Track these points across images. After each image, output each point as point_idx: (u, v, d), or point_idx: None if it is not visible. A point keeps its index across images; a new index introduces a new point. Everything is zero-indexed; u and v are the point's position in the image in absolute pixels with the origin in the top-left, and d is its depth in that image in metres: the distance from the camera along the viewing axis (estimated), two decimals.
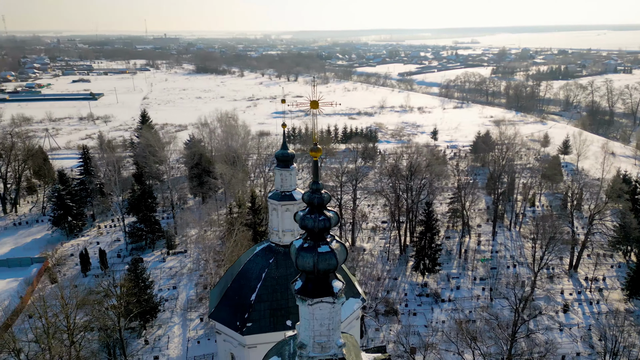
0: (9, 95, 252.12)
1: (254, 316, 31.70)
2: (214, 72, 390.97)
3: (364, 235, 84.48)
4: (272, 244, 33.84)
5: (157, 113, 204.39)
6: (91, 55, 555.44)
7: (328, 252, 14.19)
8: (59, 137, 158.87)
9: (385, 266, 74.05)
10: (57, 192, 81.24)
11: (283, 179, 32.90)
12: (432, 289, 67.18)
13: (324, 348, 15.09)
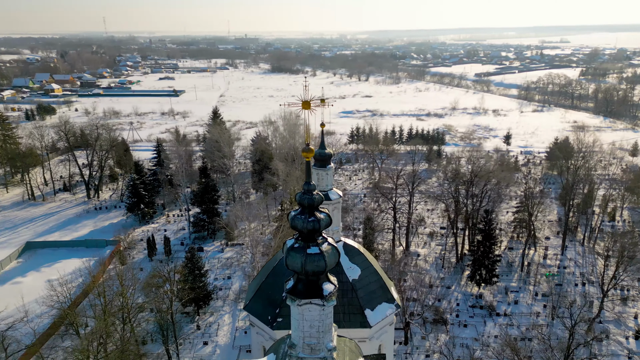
0: (103, 90, 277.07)
1: (284, 312, 32.17)
2: (288, 71, 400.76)
3: (419, 240, 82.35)
4: None
5: (232, 110, 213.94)
6: (177, 54, 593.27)
7: (317, 254, 14.15)
8: (143, 130, 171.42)
9: (439, 273, 71.71)
10: (132, 181, 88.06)
11: (319, 178, 33.05)
12: (487, 301, 63.95)
13: (313, 350, 15.09)
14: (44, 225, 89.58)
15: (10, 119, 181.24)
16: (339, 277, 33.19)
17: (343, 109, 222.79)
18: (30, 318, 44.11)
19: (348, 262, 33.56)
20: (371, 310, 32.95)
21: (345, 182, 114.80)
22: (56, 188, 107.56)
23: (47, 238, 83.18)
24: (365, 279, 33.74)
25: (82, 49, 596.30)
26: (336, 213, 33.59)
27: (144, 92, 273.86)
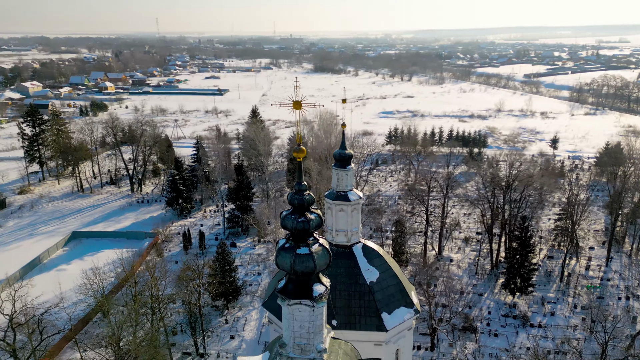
0: (152, 88, 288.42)
1: None
2: (330, 71, 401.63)
3: (453, 245, 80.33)
4: None
5: (273, 109, 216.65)
6: (224, 54, 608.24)
7: (306, 255, 14.14)
8: (186, 127, 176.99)
9: (471, 280, 69.68)
10: (171, 176, 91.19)
11: (339, 178, 32.94)
12: (522, 311, 61.50)
13: (303, 350, 15.09)
14: (90, 216, 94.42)
15: (65, 115, 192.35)
16: (356, 278, 33.06)
17: (383, 109, 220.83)
18: (68, 305, 46.64)
19: (366, 264, 33.29)
20: (388, 314, 32.54)
21: (380, 183, 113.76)
22: (103, 181, 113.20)
23: (91, 228, 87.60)
24: (384, 281, 33.34)
25: (135, 48, 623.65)
26: (355, 214, 33.41)
27: (190, 90, 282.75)
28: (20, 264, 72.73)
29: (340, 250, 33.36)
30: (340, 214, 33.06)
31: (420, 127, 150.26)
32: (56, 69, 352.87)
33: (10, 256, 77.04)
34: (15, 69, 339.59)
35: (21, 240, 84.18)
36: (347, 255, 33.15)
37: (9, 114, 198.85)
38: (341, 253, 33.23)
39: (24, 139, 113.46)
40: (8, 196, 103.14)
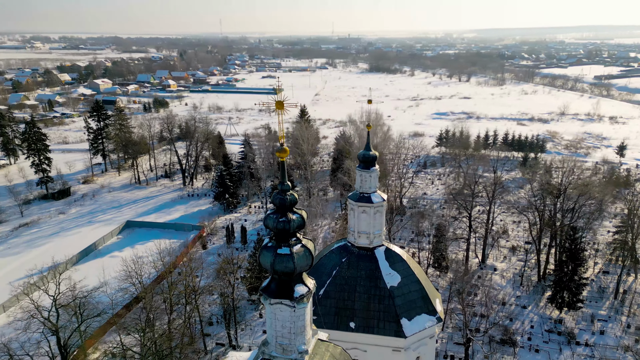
0: (211, 87, 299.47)
1: (320, 311, 32.41)
2: (385, 71, 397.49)
3: (499, 254, 76.97)
4: (349, 243, 34.00)
5: (324, 108, 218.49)
6: (282, 54, 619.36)
7: (286, 255, 14.16)
8: (240, 125, 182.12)
9: (515, 291, 66.46)
10: (219, 172, 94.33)
11: (363, 179, 32.68)
12: (568, 327, 57.87)
13: (285, 350, 15.13)
14: (144, 207, 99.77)
15: (130, 111, 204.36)
16: (377, 282, 32.64)
17: (437, 110, 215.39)
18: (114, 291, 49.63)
19: (388, 268, 32.77)
20: (408, 320, 31.85)
21: (427, 186, 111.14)
22: (158, 174, 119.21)
23: (144, 219, 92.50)
24: (405, 287, 32.65)
25: (199, 48, 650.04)
26: (378, 216, 32.99)
27: (246, 89, 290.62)
28: (77, 248, 78.37)
29: (362, 253, 33.14)
30: (362, 215, 32.79)
31: (474, 129, 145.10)
32: (125, 67, 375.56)
33: (70, 241, 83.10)
34: (89, 67, 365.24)
35: (81, 226, 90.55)
36: (368, 258, 32.84)
37: (80, 108, 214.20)
38: (363, 255, 33.00)
39: (89, 133, 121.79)
40: (73, 185, 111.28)
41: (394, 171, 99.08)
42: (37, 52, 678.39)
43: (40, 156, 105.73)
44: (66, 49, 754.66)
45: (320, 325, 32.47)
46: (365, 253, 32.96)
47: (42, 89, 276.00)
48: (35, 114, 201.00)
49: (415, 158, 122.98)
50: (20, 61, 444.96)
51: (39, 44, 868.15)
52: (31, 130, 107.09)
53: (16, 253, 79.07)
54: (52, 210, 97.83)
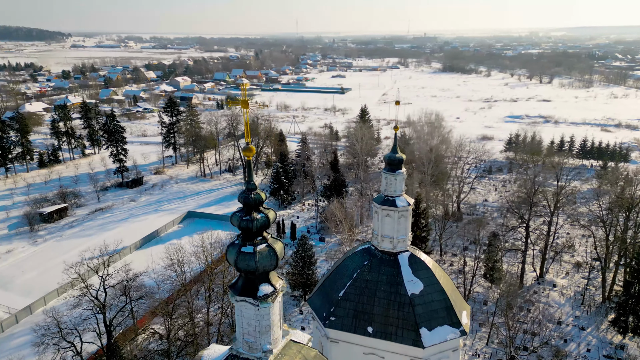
0: (282, 86, 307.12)
1: (338, 312, 32.28)
2: (459, 71, 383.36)
3: (560, 269, 71.49)
4: (372, 246, 33.46)
5: (391, 108, 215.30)
6: (354, 53, 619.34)
7: (249, 253, 14.24)
8: (304, 123, 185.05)
9: (574, 311, 61.42)
10: (276, 169, 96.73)
11: (388, 182, 31.97)
12: (631, 354, 52.48)
13: (251, 348, 15.24)
14: (206, 199, 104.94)
15: (205, 107, 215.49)
16: (397, 288, 31.79)
17: (510, 112, 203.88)
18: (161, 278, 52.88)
19: (410, 275, 31.80)
20: (428, 330, 30.73)
21: (490, 192, 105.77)
22: (222, 168, 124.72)
23: (204, 210, 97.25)
24: (428, 296, 31.51)
25: (274, 48, 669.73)
26: (403, 221, 32.12)
27: (314, 88, 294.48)
28: (142, 234, 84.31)
29: (384, 257, 32.47)
30: (386, 219, 32.10)
31: (548, 134, 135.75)
32: (204, 66, 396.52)
33: (137, 227, 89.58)
34: (172, 66, 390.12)
35: (148, 214, 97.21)
36: (390, 263, 32.11)
37: (160, 104, 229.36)
38: (385, 260, 32.33)
39: (162, 127, 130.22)
40: (146, 175, 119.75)
41: (452, 175, 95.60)
42: (129, 51, 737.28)
43: (118, 147, 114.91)
44: (155, 49, 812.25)
45: (337, 327, 32.44)
46: (388, 258, 32.27)
47: (129, 85, 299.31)
48: (121, 109, 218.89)
49: (479, 162, 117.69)
50: (114, 59, 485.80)
51: (132, 43, 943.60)
52: (111, 123, 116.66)
53: (89, 235, 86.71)
54: (124, 198, 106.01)
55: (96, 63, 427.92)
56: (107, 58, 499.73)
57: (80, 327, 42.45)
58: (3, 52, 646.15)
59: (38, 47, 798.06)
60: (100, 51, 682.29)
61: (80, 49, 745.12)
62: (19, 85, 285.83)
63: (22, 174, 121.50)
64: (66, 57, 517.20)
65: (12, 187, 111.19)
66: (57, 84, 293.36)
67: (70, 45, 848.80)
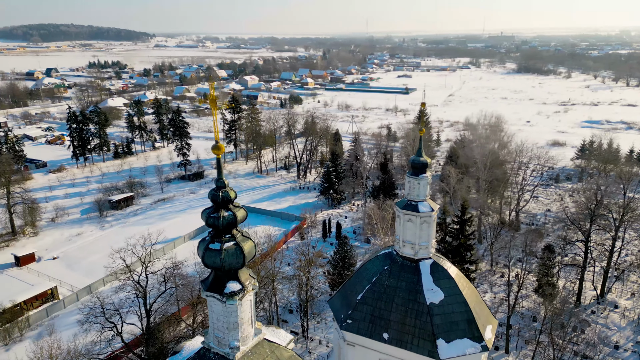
0: (346, 85, 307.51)
1: (355, 315, 31.93)
2: (536, 71, 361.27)
3: (626, 289, 65.28)
4: (394, 251, 32.69)
5: (455, 110, 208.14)
6: (424, 53, 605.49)
7: (215, 250, 14.47)
8: (364, 123, 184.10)
9: (636, 335, 55.88)
10: (326, 168, 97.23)
11: (411, 186, 31.04)
12: None
13: (220, 343, 15.47)
14: (259, 194, 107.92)
15: (269, 105, 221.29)
16: (416, 296, 30.83)
17: (589, 117, 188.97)
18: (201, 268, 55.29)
19: (430, 283, 30.72)
20: (446, 342, 29.55)
21: (554, 202, 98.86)
22: (278, 166, 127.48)
23: (257, 205, 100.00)
24: (448, 306, 30.25)
25: (343, 48, 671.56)
26: (425, 227, 31.06)
27: (378, 88, 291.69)
28: (196, 225, 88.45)
29: (405, 263, 31.62)
30: (408, 224, 31.20)
31: (629, 141, 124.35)
32: (272, 65, 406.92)
33: (192, 218, 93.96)
34: (243, 65, 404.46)
35: (205, 206, 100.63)
36: (411, 270, 31.22)
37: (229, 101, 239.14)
38: (406, 266, 31.49)
39: (225, 123, 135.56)
40: (207, 169, 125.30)
41: (512, 181, 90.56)
42: (206, 50, 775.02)
43: (182, 142, 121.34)
44: (229, 48, 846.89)
45: (354, 330, 32.12)
46: (409, 264, 31.41)
47: (202, 83, 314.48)
48: (192, 105, 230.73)
49: (545, 170, 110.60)
50: (191, 58, 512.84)
51: (209, 43, 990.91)
52: (176, 119, 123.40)
53: (150, 223, 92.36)
54: (185, 190, 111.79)
55: (174, 62, 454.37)
56: (185, 57, 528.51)
57: (124, 309, 45.52)
58: (95, 50, 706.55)
59: (125, 46, 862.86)
60: (179, 51, 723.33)
61: (162, 49, 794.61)
62: (104, 81, 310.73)
63: (98, 164, 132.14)
64: (148, 56, 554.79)
65: (89, 176, 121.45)
66: (138, 81, 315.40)
67: (153, 45, 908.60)
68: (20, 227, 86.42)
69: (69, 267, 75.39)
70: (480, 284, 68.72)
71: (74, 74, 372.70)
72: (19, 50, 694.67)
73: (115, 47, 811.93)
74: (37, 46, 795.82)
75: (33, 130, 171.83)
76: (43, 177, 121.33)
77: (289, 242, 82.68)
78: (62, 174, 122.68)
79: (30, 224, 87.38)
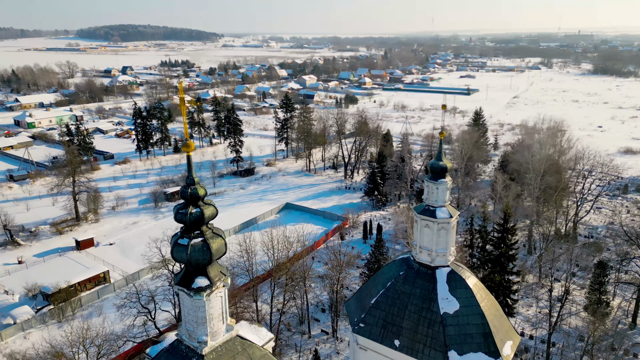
0: (404, 85, 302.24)
1: (368, 319, 31.45)
2: (614, 73, 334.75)
3: None
4: (412, 257, 31.78)
5: (519, 113, 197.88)
6: (490, 52, 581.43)
7: (182, 245, 14.75)
8: (419, 124, 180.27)
9: None
10: (372, 169, 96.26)
11: (429, 191, 29.96)
12: None
13: (190, 336, 15.74)
14: (305, 193, 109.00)
15: (325, 105, 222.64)
16: (430, 304, 29.80)
17: None
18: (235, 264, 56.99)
19: (446, 292, 29.58)
20: (458, 354, 28.37)
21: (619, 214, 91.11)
22: (326, 165, 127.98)
23: (302, 203, 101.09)
24: (462, 317, 29.01)
25: (405, 47, 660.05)
26: (443, 234, 29.90)
27: (438, 89, 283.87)
28: (242, 220, 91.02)
29: (421, 270, 30.64)
30: (425, 230, 30.18)
31: None
32: (332, 65, 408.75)
33: (241, 213, 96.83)
34: (303, 64, 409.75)
35: (252, 202, 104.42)
36: (427, 277, 30.24)
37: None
38: (422, 273, 30.52)
39: (277, 122, 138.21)
40: (258, 166, 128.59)
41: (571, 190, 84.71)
42: (270, 50, 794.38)
43: (235, 139, 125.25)
44: (292, 48, 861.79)
45: (365, 334, 31.69)
46: (425, 271, 30.43)
47: (262, 82, 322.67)
48: (251, 103, 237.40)
49: (613, 179, 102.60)
50: (254, 58, 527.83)
51: (273, 43, 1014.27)
52: (230, 116, 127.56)
53: None
54: (236, 185, 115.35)
55: (239, 61, 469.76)
56: (249, 57, 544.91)
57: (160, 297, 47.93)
58: (167, 50, 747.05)
59: (195, 46, 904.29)
60: (245, 50, 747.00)
61: (229, 49, 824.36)
62: (172, 79, 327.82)
63: (159, 157, 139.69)
64: (215, 56, 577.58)
65: (150, 168, 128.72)
66: (203, 80, 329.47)
67: (221, 45, 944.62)
68: (83, 213, 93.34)
69: (122, 253, 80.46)
70: (525, 297, 65.09)
71: (146, 72, 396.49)
72: (100, 49, 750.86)
73: (186, 47, 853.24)
74: (117, 45, 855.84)
75: (105, 124, 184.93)
76: (109, 168, 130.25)
77: (329, 241, 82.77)
78: (126, 166, 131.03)
79: (92, 211, 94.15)
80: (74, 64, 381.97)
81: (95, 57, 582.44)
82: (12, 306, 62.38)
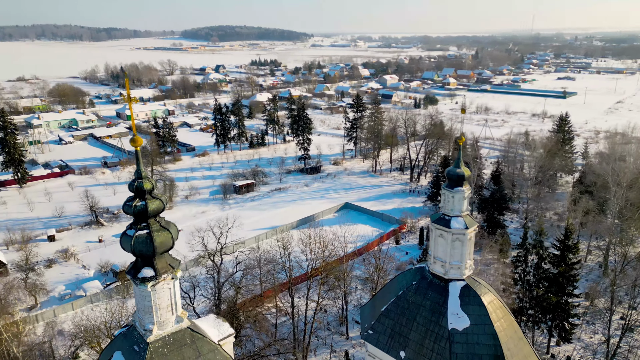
0: (492, 87, 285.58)
1: (377, 327, 30.58)
2: None
3: None
4: (427, 267, 30.24)
5: (620, 119, 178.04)
6: (597, 52, 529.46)
7: (128, 236, 15.34)
8: (501, 128, 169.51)
9: None
10: (437, 173, 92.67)
11: (445, 200, 28.31)
12: None
13: (140, 324, 16.32)
14: (367, 194, 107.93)
15: (402, 105, 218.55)
16: (438, 318, 28.26)
17: None
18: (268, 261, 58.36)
19: (457, 308, 27.86)
20: None
21: None
22: (393, 167, 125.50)
23: (361, 204, 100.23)
24: (472, 336, 27.13)
25: (499, 46, 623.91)
26: (458, 245, 28.17)
27: (529, 91, 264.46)
28: (301, 216, 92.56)
29: (434, 281, 29.17)
30: (439, 240, 28.61)
31: None
32: (416, 64, 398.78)
33: (300, 209, 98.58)
34: (387, 64, 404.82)
35: (314, 199, 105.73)
36: (439, 289, 28.74)
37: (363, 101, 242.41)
38: (434, 285, 29.06)
39: (347, 121, 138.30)
40: (325, 165, 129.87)
41: None
42: (357, 49, 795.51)
43: (303, 137, 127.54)
44: (380, 47, 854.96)
45: (373, 342, 30.95)
46: (438, 283, 28.94)
47: (343, 82, 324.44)
48: (328, 102, 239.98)
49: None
50: (340, 57, 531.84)
51: (361, 42, 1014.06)
52: (299, 115, 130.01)
53: (262, 209, 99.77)
54: (301, 182, 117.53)
55: (324, 61, 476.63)
56: (334, 56, 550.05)
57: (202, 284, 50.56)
58: (259, 49, 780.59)
59: (286, 46, 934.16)
60: (332, 50, 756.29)
61: (317, 48, 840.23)
62: (259, 78, 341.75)
63: (235, 152, 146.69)
64: (302, 55, 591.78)
65: (225, 162, 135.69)
66: (287, 78, 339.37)
67: (310, 45, 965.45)
68: None
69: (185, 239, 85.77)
70: (592, 324, 58.73)
71: (236, 70, 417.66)
72: (200, 48, 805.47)
73: (277, 47, 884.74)
74: (215, 45, 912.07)
75: (192, 118, 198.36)
76: (190, 159, 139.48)
77: (383, 244, 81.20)
78: (204, 158, 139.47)
79: (167, 199, 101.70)
80: (174, 62, 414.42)
81: (195, 56, 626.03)
82: (85, 280, 69.58)
